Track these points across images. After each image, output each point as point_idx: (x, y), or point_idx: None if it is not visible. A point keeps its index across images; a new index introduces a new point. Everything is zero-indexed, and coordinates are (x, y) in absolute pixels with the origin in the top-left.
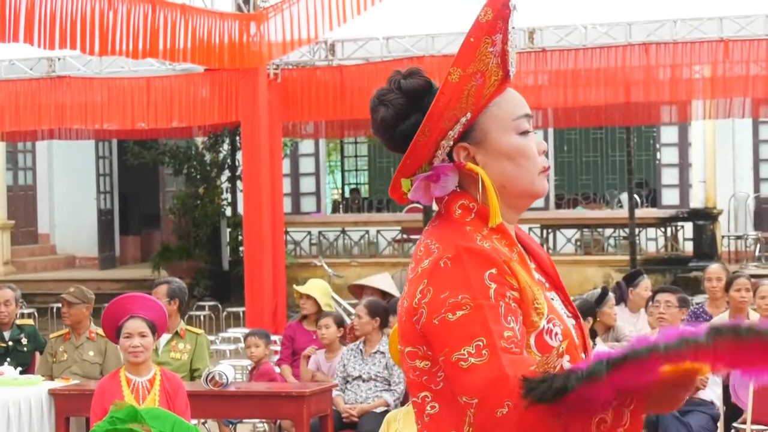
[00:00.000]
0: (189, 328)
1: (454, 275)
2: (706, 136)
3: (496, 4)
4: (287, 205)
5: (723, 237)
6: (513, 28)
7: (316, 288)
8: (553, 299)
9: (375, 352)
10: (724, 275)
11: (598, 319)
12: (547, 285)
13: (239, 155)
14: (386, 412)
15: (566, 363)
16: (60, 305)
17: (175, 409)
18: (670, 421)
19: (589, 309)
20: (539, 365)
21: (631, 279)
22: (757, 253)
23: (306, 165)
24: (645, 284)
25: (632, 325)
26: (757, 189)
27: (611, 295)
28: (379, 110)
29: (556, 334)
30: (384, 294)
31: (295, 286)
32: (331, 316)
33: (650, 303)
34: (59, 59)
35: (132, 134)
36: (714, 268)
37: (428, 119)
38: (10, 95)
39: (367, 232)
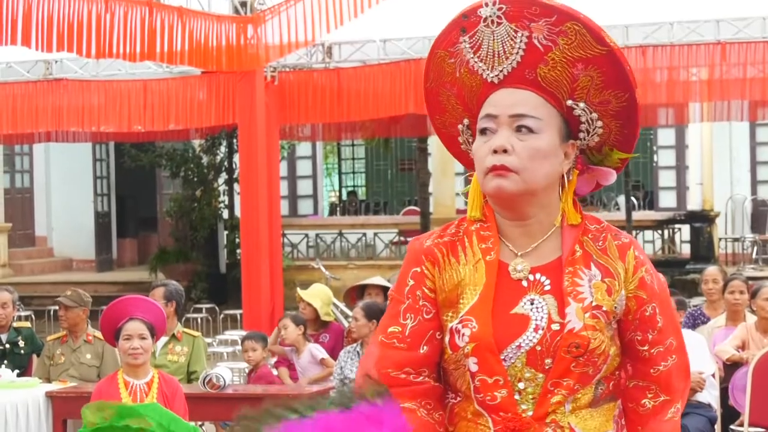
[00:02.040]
0: (186, 330)
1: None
2: (703, 138)
3: (455, 17)
4: (284, 207)
5: (720, 239)
6: (483, 34)
7: (318, 296)
8: (533, 301)
9: None
10: (720, 277)
11: None
12: (547, 287)
13: (236, 158)
14: None
15: (472, 365)
16: (57, 308)
17: (173, 412)
18: None
19: None
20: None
21: None
22: (754, 256)
23: (303, 167)
24: None
25: None
26: (754, 191)
27: None
28: None
29: (463, 335)
30: (386, 292)
31: (299, 289)
32: (288, 316)
33: None
34: (56, 62)
35: (129, 137)
36: (711, 270)
37: None
38: (7, 98)
39: (365, 234)
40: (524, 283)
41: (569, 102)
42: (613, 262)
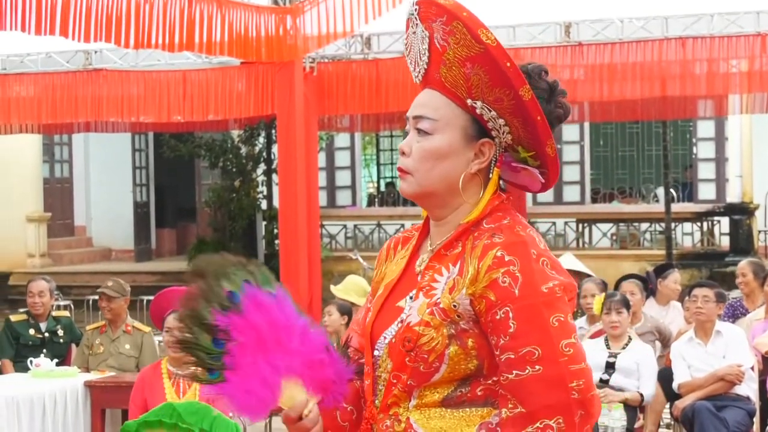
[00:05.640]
0: None
1: None
2: (743, 130)
3: None
4: (323, 198)
5: (759, 232)
6: (414, 32)
7: (352, 290)
8: (413, 295)
9: None
10: (749, 270)
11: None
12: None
13: (275, 148)
14: None
15: (366, 353)
16: (96, 297)
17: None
18: (705, 417)
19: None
20: None
21: (660, 271)
22: None
23: (341, 158)
24: (674, 277)
25: (661, 318)
26: None
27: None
28: None
29: (359, 320)
30: None
31: (332, 286)
32: (335, 304)
33: (687, 298)
34: (96, 52)
35: (168, 127)
36: (741, 264)
37: None
38: (47, 88)
39: (403, 225)
40: (419, 278)
41: (469, 101)
42: (471, 260)
